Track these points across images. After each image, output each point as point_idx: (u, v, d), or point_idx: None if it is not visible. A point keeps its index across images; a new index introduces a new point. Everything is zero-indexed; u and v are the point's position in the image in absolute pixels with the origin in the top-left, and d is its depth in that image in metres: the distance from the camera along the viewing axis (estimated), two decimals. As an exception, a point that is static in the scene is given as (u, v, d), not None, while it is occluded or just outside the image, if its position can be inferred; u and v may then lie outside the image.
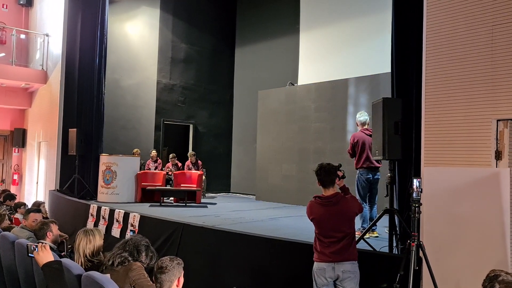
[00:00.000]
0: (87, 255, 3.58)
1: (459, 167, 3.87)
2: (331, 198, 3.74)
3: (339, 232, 3.66)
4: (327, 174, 3.79)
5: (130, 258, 3.19)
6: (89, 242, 3.59)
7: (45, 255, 2.95)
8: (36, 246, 3.03)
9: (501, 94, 3.68)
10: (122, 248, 3.24)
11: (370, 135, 5.70)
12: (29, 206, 6.96)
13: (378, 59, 8.79)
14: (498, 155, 3.70)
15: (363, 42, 9.91)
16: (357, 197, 5.78)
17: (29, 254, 3.04)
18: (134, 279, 3.05)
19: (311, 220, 3.79)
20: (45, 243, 4.19)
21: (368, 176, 5.92)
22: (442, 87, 4.04)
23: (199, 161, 11.04)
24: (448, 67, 4.01)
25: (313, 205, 3.81)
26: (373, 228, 5.62)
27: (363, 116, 6.15)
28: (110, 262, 3.18)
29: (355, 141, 5.97)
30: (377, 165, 5.93)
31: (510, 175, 3.58)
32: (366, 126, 6.11)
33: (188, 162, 11.06)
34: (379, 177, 6.02)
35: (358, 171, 6.02)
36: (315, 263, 3.75)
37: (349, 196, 3.86)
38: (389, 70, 5.18)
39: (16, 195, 8.46)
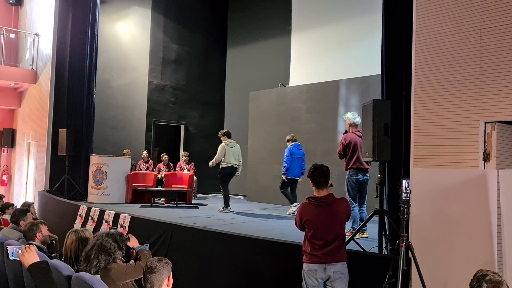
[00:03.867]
0: (78, 256, 3.56)
1: (448, 168, 3.91)
2: (326, 198, 3.76)
3: (332, 233, 3.68)
4: (321, 175, 3.80)
5: (105, 264, 3.17)
6: (81, 243, 3.57)
7: (30, 256, 2.90)
8: (19, 248, 2.95)
9: (489, 96, 3.73)
10: (96, 258, 3.17)
11: (361, 136, 5.77)
12: (18, 207, 6.89)
13: (368, 61, 8.85)
14: (486, 157, 3.75)
15: (354, 44, 9.97)
16: (347, 197, 5.85)
17: (10, 257, 2.95)
18: (115, 277, 3.09)
19: (304, 223, 3.77)
20: (32, 244, 4.17)
21: (358, 177, 5.98)
22: (431, 89, 4.09)
23: (192, 162, 11.03)
24: (437, 69, 4.06)
25: (307, 206, 3.80)
26: (363, 228, 5.66)
27: (358, 117, 6.19)
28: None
29: (347, 142, 6.01)
30: (367, 166, 6.01)
31: (497, 176, 3.63)
32: (356, 128, 6.15)
33: (180, 163, 11.04)
34: (368, 178, 6.09)
35: (348, 172, 6.07)
36: (305, 264, 3.75)
37: (341, 197, 3.89)
38: (379, 72, 5.23)
39: (3, 196, 8.38)
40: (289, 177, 8.13)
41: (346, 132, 6.30)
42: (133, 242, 3.65)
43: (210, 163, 8.51)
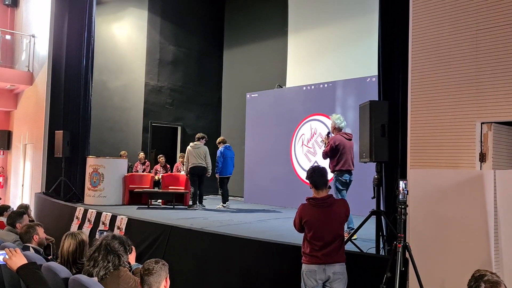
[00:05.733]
0: (76, 259, 3.54)
1: (444, 169, 3.92)
2: (326, 199, 3.77)
3: (331, 234, 3.69)
4: (320, 176, 3.82)
5: (112, 268, 3.09)
6: (79, 247, 3.55)
7: (18, 259, 2.81)
8: (4, 253, 2.80)
9: (485, 97, 3.75)
10: (104, 259, 3.09)
11: (349, 139, 6.11)
12: (14, 209, 6.86)
13: (365, 62, 8.87)
14: (482, 157, 3.76)
15: (351, 45, 9.99)
16: (337, 196, 5.95)
17: None
18: (121, 285, 3.02)
19: (303, 224, 3.77)
20: (28, 246, 4.15)
21: (346, 178, 6.08)
22: (427, 90, 4.10)
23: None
24: (433, 70, 4.07)
25: (306, 207, 3.81)
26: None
27: (343, 122, 6.33)
28: (96, 277, 3.09)
29: (337, 144, 6.06)
30: (353, 168, 6.15)
31: (494, 177, 3.64)
32: (341, 131, 6.28)
33: (177, 164, 11.02)
34: (352, 179, 6.21)
35: (336, 173, 6.11)
36: (304, 265, 3.76)
37: (340, 199, 3.90)
38: (376, 73, 5.24)
39: (0, 198, 8.35)
40: (223, 176, 9.43)
41: (329, 133, 6.44)
42: (132, 257, 3.58)
43: (184, 171, 9.60)
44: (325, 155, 6.19)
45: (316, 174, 3.83)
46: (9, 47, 12.28)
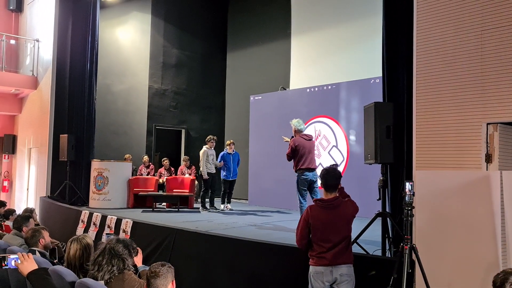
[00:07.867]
0: (83, 263, 3.54)
1: (450, 170, 3.91)
2: (332, 201, 3.76)
3: (338, 235, 3.68)
4: (333, 178, 3.80)
5: (117, 272, 3.08)
6: (85, 251, 3.54)
7: (29, 264, 2.83)
8: (16, 257, 2.83)
9: (490, 98, 3.73)
10: (109, 263, 3.09)
11: (308, 140, 6.57)
12: (20, 213, 6.87)
13: (369, 63, 8.85)
14: (488, 158, 3.75)
15: (355, 46, 9.98)
16: (297, 195, 6.42)
17: (9, 266, 2.83)
18: None
19: (310, 225, 3.77)
20: (34, 250, 4.16)
21: (307, 177, 6.37)
22: (432, 91, 4.09)
23: (193, 166, 11.01)
24: (439, 71, 4.06)
25: (314, 209, 3.81)
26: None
27: (302, 125, 6.73)
28: (102, 281, 3.07)
29: (296, 145, 6.47)
30: (315, 166, 6.53)
31: (500, 177, 3.62)
32: (301, 133, 6.66)
33: (181, 167, 11.03)
34: (317, 177, 6.40)
35: (297, 173, 6.48)
36: (311, 267, 3.75)
37: (347, 199, 3.89)
38: (381, 75, 5.23)
39: (6, 202, 8.37)
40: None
41: (293, 137, 6.77)
42: (139, 259, 3.57)
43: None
44: (288, 157, 6.62)
45: (328, 176, 3.81)
46: (13, 51, 12.34)
